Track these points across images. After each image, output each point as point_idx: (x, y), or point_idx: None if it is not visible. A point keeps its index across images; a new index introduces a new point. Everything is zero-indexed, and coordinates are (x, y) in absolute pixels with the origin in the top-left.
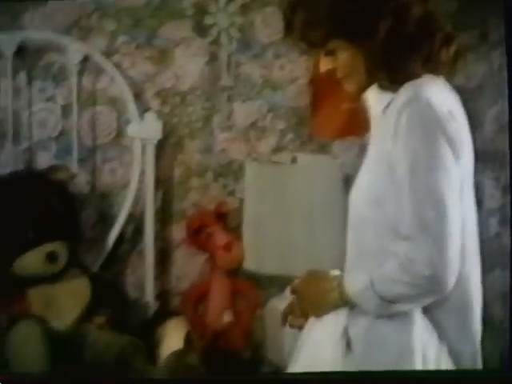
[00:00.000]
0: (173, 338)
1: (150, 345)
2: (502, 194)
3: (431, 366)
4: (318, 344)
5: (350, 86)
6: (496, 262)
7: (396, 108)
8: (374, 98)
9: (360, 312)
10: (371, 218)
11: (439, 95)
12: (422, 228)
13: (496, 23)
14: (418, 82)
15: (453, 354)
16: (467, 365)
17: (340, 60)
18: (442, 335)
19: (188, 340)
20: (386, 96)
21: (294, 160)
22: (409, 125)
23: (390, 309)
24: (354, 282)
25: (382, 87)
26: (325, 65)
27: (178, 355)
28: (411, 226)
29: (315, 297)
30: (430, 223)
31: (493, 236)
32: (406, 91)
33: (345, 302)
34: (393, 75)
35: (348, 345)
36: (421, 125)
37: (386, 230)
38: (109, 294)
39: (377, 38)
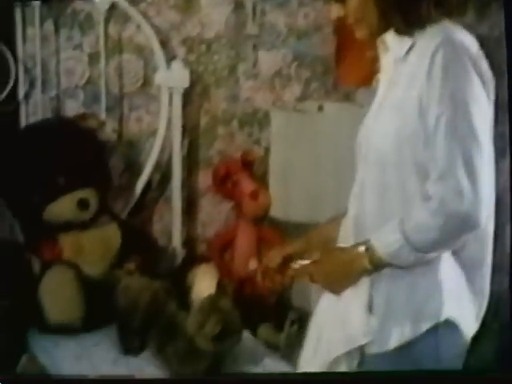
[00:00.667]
0: (204, 284)
1: (181, 290)
2: None
3: (457, 305)
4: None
5: (361, 32)
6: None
7: (427, 51)
8: (393, 43)
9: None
10: (398, 162)
11: (468, 38)
12: (457, 165)
13: None
14: (443, 25)
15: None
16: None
17: (351, 5)
18: None
19: (220, 285)
20: (406, 41)
21: (320, 108)
22: (445, 65)
23: (426, 258)
24: (388, 244)
25: (399, 32)
26: (335, 11)
27: (211, 300)
28: (445, 164)
29: (340, 272)
30: (467, 159)
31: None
32: (433, 34)
33: (376, 266)
34: (407, 18)
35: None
36: (457, 65)
37: (414, 174)
38: (138, 241)
39: None
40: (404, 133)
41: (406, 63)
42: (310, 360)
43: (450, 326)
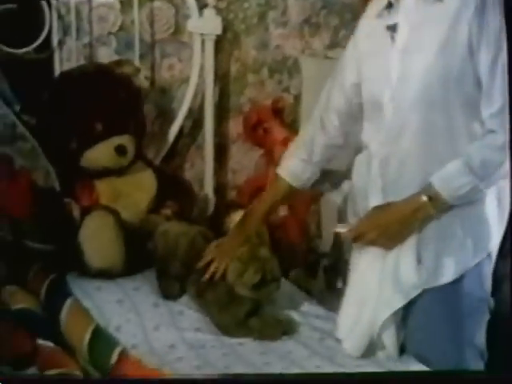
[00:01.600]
0: None
1: (218, 236)
2: None
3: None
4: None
5: None
6: None
7: None
8: None
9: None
10: (445, 102)
11: None
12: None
13: None
14: None
15: None
16: None
17: None
18: None
19: (258, 234)
20: None
21: None
22: (498, 2)
23: (487, 187)
24: (459, 187)
25: None
26: None
27: (250, 249)
28: (504, 98)
29: (401, 225)
30: None
31: None
32: None
33: (441, 211)
34: None
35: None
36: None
37: (461, 113)
38: (174, 187)
39: None
40: (451, 72)
41: (442, 3)
42: (354, 326)
43: (488, 256)
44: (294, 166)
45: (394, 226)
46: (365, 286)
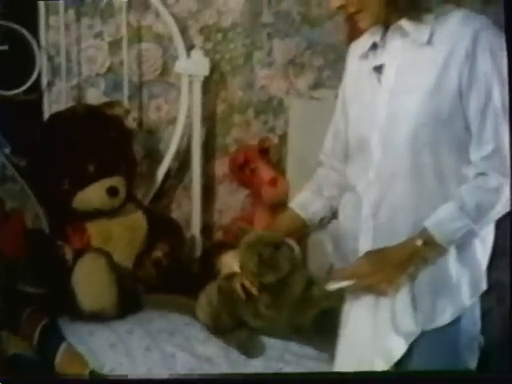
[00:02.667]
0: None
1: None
2: None
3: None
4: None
5: (363, 21)
6: None
7: (462, 36)
8: (411, 29)
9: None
10: (434, 144)
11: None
12: (505, 139)
13: None
14: (463, 10)
15: None
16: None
17: None
18: None
19: None
20: (423, 27)
21: (337, 96)
22: (491, 47)
23: (480, 229)
24: (454, 231)
25: (413, 18)
26: (337, 0)
27: None
28: (496, 140)
29: (397, 269)
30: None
31: None
32: (459, 20)
33: (437, 254)
34: (413, 1)
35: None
36: (501, 46)
37: (450, 155)
38: (164, 228)
39: None
40: (440, 116)
41: (432, 47)
42: None
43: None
44: (304, 196)
45: (391, 271)
46: (359, 335)
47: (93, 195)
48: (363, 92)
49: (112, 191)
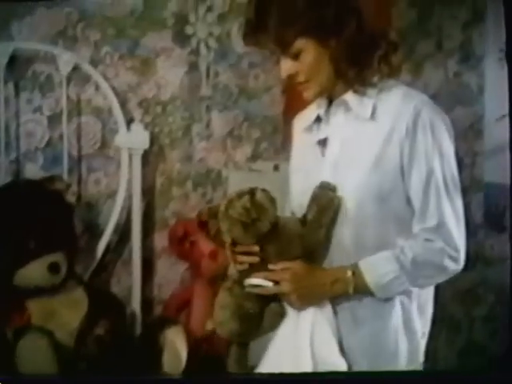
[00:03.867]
0: (177, 346)
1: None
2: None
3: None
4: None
5: (309, 92)
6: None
7: (402, 111)
8: (355, 103)
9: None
10: (377, 216)
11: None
12: (447, 215)
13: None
14: (399, 85)
15: None
16: None
17: (304, 62)
18: None
19: None
20: (366, 101)
21: (276, 168)
22: (431, 123)
23: (414, 284)
24: (383, 273)
25: (357, 92)
26: (287, 69)
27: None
28: (440, 214)
29: (317, 289)
30: (457, 210)
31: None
32: (399, 95)
33: (357, 293)
34: (361, 74)
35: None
36: (441, 122)
37: (393, 228)
38: (105, 304)
39: (344, 36)
40: (383, 190)
41: (375, 122)
42: None
43: None
44: None
45: (309, 288)
46: (281, 345)
47: (34, 272)
48: (307, 164)
49: (53, 268)
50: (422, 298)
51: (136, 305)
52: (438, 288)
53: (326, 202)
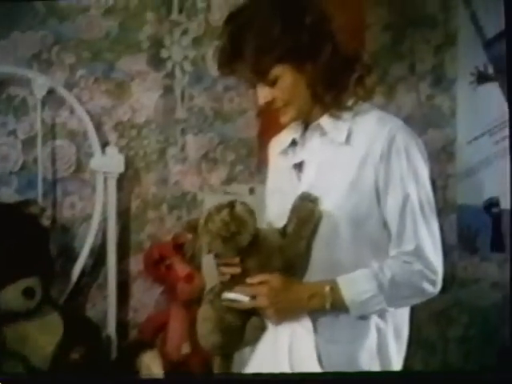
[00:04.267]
0: (152, 370)
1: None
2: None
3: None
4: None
5: (286, 116)
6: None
7: (376, 136)
8: (330, 127)
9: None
10: (353, 239)
11: None
12: (425, 238)
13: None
14: (373, 110)
15: None
16: None
17: (281, 88)
18: None
19: None
20: (341, 125)
21: (251, 191)
22: (406, 148)
23: (390, 304)
24: (360, 291)
25: (333, 116)
26: (264, 96)
27: None
28: (417, 238)
29: (294, 304)
30: (433, 233)
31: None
32: (374, 120)
33: (334, 309)
34: (338, 97)
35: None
36: (415, 147)
37: (369, 251)
38: (80, 329)
39: (320, 60)
40: (359, 214)
41: (350, 147)
42: None
43: None
44: None
45: (287, 302)
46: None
47: (8, 297)
48: (283, 187)
49: (28, 292)
50: (397, 320)
51: (111, 328)
52: (412, 309)
53: (306, 214)
